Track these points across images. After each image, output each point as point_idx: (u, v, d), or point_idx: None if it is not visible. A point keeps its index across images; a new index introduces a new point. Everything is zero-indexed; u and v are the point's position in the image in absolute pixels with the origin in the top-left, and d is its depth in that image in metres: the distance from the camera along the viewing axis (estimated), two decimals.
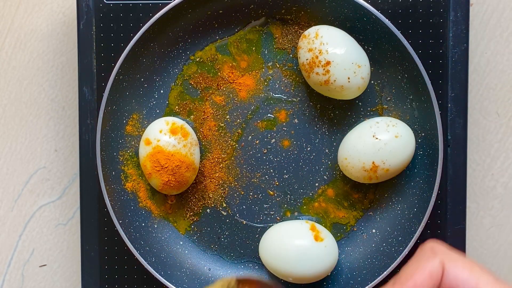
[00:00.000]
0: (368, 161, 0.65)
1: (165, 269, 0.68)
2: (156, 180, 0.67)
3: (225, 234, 0.71)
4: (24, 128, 0.75)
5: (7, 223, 0.75)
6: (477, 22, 0.73)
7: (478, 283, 0.40)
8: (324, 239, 0.66)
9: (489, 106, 0.73)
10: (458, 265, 0.41)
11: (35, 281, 0.76)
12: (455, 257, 0.41)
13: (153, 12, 0.67)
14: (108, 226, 0.69)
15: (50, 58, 0.75)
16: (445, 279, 0.41)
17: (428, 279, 0.40)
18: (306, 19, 0.69)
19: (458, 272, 0.40)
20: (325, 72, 0.64)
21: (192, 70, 0.70)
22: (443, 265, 0.41)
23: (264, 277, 0.51)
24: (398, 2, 0.68)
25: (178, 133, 0.67)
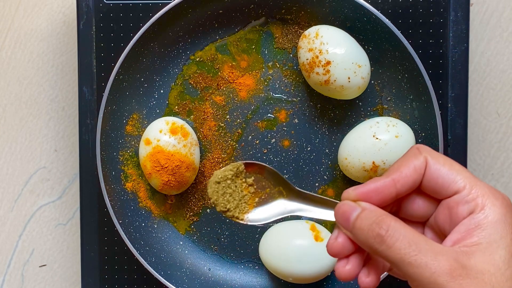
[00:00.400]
0: (368, 161, 0.65)
1: (165, 269, 0.68)
2: (156, 180, 0.67)
3: (225, 234, 0.71)
4: (24, 128, 0.75)
5: (7, 223, 0.75)
6: (477, 22, 0.73)
7: (456, 177, 0.43)
8: (324, 239, 0.66)
9: (489, 106, 0.73)
10: (440, 161, 0.44)
11: (35, 281, 0.76)
12: (438, 155, 0.44)
13: (153, 12, 0.67)
14: (108, 226, 0.69)
15: (50, 58, 0.75)
16: (427, 173, 0.44)
17: (413, 172, 0.44)
18: (306, 19, 0.69)
19: (439, 167, 0.44)
20: (325, 72, 0.64)
21: (192, 70, 0.70)
22: (427, 161, 0.44)
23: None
24: (398, 2, 0.68)
25: (178, 133, 0.67)
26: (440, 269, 0.40)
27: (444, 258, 0.40)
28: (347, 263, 0.45)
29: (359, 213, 0.44)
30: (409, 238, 0.41)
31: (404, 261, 0.41)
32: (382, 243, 0.42)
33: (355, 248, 0.45)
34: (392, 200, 0.45)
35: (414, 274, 0.41)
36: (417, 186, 0.45)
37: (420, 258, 0.40)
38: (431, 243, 0.41)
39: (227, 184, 0.54)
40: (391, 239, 0.41)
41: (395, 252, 0.41)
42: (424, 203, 0.46)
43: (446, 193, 0.44)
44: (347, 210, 0.44)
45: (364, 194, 0.45)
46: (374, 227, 0.42)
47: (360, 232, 0.43)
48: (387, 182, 0.44)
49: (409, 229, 0.42)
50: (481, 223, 0.42)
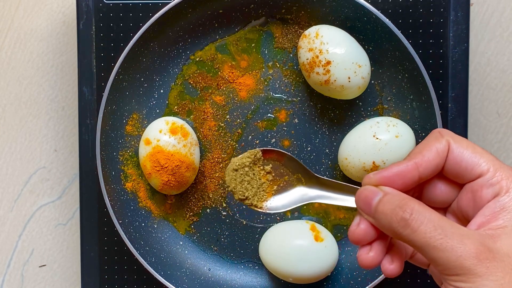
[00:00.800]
0: (368, 161, 0.65)
1: (165, 269, 0.68)
2: (156, 180, 0.67)
3: (225, 234, 0.71)
4: (24, 128, 0.75)
5: (7, 223, 0.75)
6: (478, 22, 0.73)
7: (479, 160, 0.43)
8: (324, 239, 0.66)
9: (490, 106, 0.73)
10: (463, 144, 0.43)
11: (35, 281, 0.75)
12: (460, 138, 0.44)
13: (153, 12, 0.67)
14: (108, 226, 0.69)
15: (49, 58, 0.75)
16: (450, 156, 0.43)
17: (435, 155, 0.43)
18: (307, 19, 0.69)
19: (462, 150, 0.43)
20: (325, 71, 0.64)
21: (192, 70, 0.70)
22: (449, 144, 0.43)
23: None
24: (398, 2, 0.68)
25: (178, 133, 0.66)
26: (466, 252, 0.39)
27: (471, 241, 0.40)
28: (370, 250, 0.45)
29: (381, 198, 0.43)
30: (434, 221, 0.41)
31: (429, 245, 0.40)
32: (407, 227, 0.41)
33: (377, 234, 0.45)
34: (414, 184, 0.44)
35: (440, 258, 0.40)
36: (439, 170, 0.44)
37: (446, 242, 0.40)
38: (457, 227, 0.41)
39: (244, 172, 0.53)
40: (416, 222, 0.41)
41: (420, 236, 0.41)
42: (446, 188, 0.45)
43: (469, 176, 0.43)
44: (369, 195, 0.44)
45: (386, 179, 0.44)
46: (397, 211, 0.42)
47: (383, 217, 0.43)
48: (409, 165, 0.44)
49: (434, 212, 0.41)
50: (506, 206, 0.41)
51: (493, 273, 0.39)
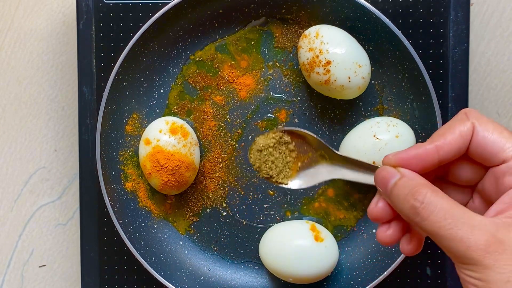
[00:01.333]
0: (368, 161, 0.65)
1: (165, 269, 0.68)
2: (156, 180, 0.67)
3: (225, 234, 0.71)
4: (24, 128, 0.75)
5: (7, 223, 0.75)
6: (478, 22, 0.73)
7: (505, 145, 0.41)
8: (324, 239, 0.66)
9: (490, 106, 0.73)
10: (489, 127, 0.42)
11: (34, 282, 0.75)
12: (486, 121, 0.43)
13: (153, 12, 0.67)
14: (108, 226, 0.69)
15: (49, 58, 0.75)
16: (474, 140, 0.42)
17: (458, 138, 0.42)
18: (307, 19, 0.69)
19: (487, 134, 0.42)
20: (325, 71, 0.64)
21: (192, 70, 0.70)
22: (474, 127, 0.42)
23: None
24: (398, 2, 0.68)
25: (178, 133, 0.66)
26: (475, 244, 0.39)
27: (481, 232, 0.39)
28: (388, 228, 0.45)
29: (397, 180, 0.43)
30: (445, 210, 0.40)
31: (438, 234, 0.40)
32: (417, 215, 0.41)
33: (395, 213, 0.45)
34: (434, 167, 0.44)
35: (450, 247, 0.40)
36: (462, 153, 0.43)
37: (455, 232, 0.40)
38: (469, 216, 0.40)
39: (269, 152, 0.53)
40: (426, 211, 0.41)
41: (430, 224, 0.40)
42: (472, 169, 0.45)
43: (494, 161, 0.42)
44: (386, 176, 0.44)
45: (405, 160, 0.44)
46: (409, 198, 0.42)
47: (397, 200, 0.43)
48: (429, 149, 0.43)
49: (447, 200, 0.41)
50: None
51: (502, 265, 0.39)
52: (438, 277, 0.69)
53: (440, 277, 0.69)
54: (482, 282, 0.39)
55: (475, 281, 0.40)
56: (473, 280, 0.40)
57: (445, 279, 0.69)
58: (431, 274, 0.69)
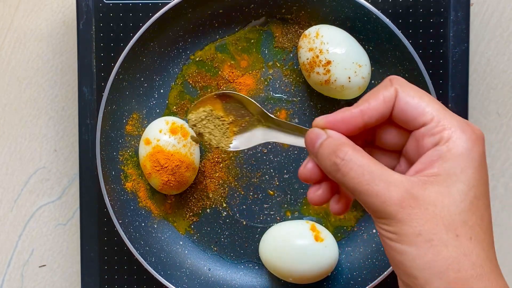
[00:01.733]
0: None
1: (165, 269, 0.68)
2: (156, 180, 0.67)
3: (225, 234, 0.71)
4: (24, 128, 0.75)
5: (7, 223, 0.75)
6: (478, 22, 0.73)
7: (425, 109, 0.43)
8: (324, 239, 0.66)
9: (490, 106, 0.73)
10: (410, 93, 0.44)
11: (34, 282, 0.75)
12: (409, 87, 0.45)
13: (153, 12, 0.67)
14: (108, 226, 0.69)
15: (49, 58, 0.75)
16: (397, 105, 0.44)
17: (381, 103, 0.44)
18: (307, 19, 0.69)
19: (409, 99, 0.44)
20: (325, 71, 0.64)
21: (192, 70, 0.70)
22: (397, 92, 0.44)
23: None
24: (398, 2, 0.68)
25: (178, 133, 0.66)
26: (390, 199, 0.41)
27: (396, 188, 0.41)
28: (318, 189, 0.47)
29: (323, 141, 0.45)
30: (364, 167, 0.42)
31: (357, 189, 0.42)
32: (338, 171, 0.43)
33: (323, 175, 0.47)
34: (360, 130, 0.45)
35: (367, 203, 0.42)
36: (386, 117, 0.45)
37: (372, 188, 0.41)
38: (387, 173, 0.42)
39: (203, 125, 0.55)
40: (346, 168, 0.43)
41: (349, 180, 0.42)
42: (397, 133, 0.46)
43: (415, 125, 0.44)
44: (314, 137, 0.46)
45: (331, 123, 0.45)
46: (331, 156, 0.44)
47: (322, 159, 0.45)
48: (354, 113, 0.45)
49: (367, 158, 0.43)
50: (443, 155, 0.42)
51: (414, 219, 0.40)
52: None
53: None
54: (395, 235, 0.41)
55: (389, 234, 0.42)
56: (388, 233, 0.42)
57: None
58: None
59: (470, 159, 0.42)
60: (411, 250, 0.41)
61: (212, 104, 0.55)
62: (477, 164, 0.42)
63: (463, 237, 0.41)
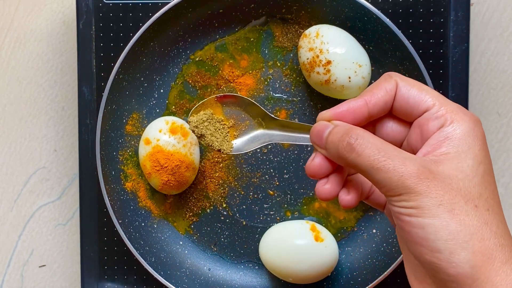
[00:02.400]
0: None
1: (165, 269, 0.68)
2: (155, 180, 0.67)
3: (225, 234, 0.71)
4: (23, 128, 0.75)
5: (7, 223, 0.75)
6: (478, 22, 0.73)
7: (425, 96, 0.45)
8: (324, 239, 0.66)
9: (490, 106, 0.73)
10: (410, 83, 0.46)
11: (34, 282, 0.75)
12: (408, 79, 0.46)
13: (153, 12, 0.67)
14: (107, 226, 0.69)
15: (49, 58, 0.75)
16: (398, 94, 0.46)
17: (384, 93, 0.46)
18: (307, 19, 0.69)
19: (409, 88, 0.45)
20: (325, 71, 0.64)
21: (192, 70, 0.70)
22: (397, 83, 0.46)
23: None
24: (398, 2, 0.68)
25: (178, 133, 0.66)
26: (407, 172, 0.41)
27: (412, 163, 0.42)
28: (326, 182, 0.47)
29: (331, 129, 0.46)
30: (378, 145, 0.43)
31: (373, 167, 0.42)
32: (352, 151, 0.43)
33: (332, 168, 0.47)
34: (365, 120, 0.46)
35: (383, 179, 0.42)
36: (389, 107, 0.46)
37: (388, 163, 0.42)
38: (400, 150, 0.43)
39: (205, 126, 0.55)
40: (360, 146, 0.43)
41: (365, 159, 0.43)
42: (397, 126, 0.47)
43: (417, 112, 0.45)
44: (321, 129, 0.46)
45: (338, 114, 0.46)
46: (344, 137, 0.44)
47: (332, 146, 0.45)
48: (359, 102, 0.46)
49: (378, 138, 0.43)
50: (450, 135, 0.43)
51: (434, 191, 0.41)
52: None
53: None
54: (416, 210, 0.41)
55: (409, 210, 0.41)
56: (407, 210, 0.41)
57: None
58: None
59: (475, 137, 0.43)
60: (434, 221, 0.41)
61: (212, 108, 0.55)
62: (481, 142, 0.43)
63: (481, 207, 0.41)
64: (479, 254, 0.40)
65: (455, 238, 0.40)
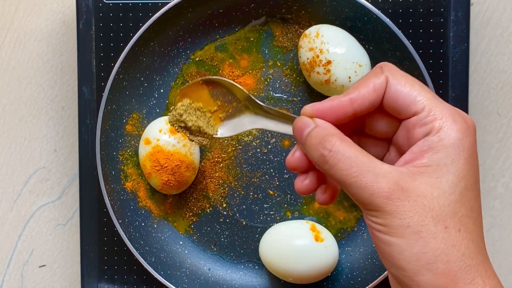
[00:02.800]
0: None
1: (165, 269, 0.68)
2: (155, 180, 0.67)
3: (225, 234, 0.71)
4: (23, 128, 0.75)
5: (7, 223, 0.75)
6: (478, 21, 0.73)
7: (416, 98, 0.42)
8: (324, 239, 0.66)
9: (490, 106, 0.73)
10: (401, 81, 0.43)
11: (34, 282, 0.75)
12: (400, 74, 0.44)
13: (153, 12, 0.67)
14: (107, 226, 0.69)
15: (49, 58, 0.75)
16: (387, 93, 0.43)
17: (371, 92, 0.43)
18: (307, 19, 0.69)
19: (400, 87, 0.43)
20: (325, 71, 0.64)
21: (192, 70, 0.70)
22: (387, 80, 0.43)
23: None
24: (398, 2, 0.68)
25: (178, 133, 0.66)
26: (379, 191, 0.40)
27: (385, 180, 0.41)
28: (305, 178, 0.47)
29: (310, 130, 0.44)
30: (352, 159, 0.41)
31: (345, 181, 0.41)
32: (325, 163, 0.42)
33: (311, 164, 0.46)
34: (349, 118, 0.45)
35: (355, 195, 0.41)
36: (376, 105, 0.44)
37: (360, 180, 0.41)
38: (375, 164, 0.41)
39: (184, 119, 0.54)
40: (333, 160, 0.42)
41: (337, 172, 0.42)
42: (387, 122, 0.46)
43: (406, 114, 0.43)
44: (301, 126, 0.45)
45: (320, 111, 0.45)
46: (319, 147, 0.43)
47: (309, 150, 0.44)
48: (343, 101, 0.44)
49: (354, 149, 0.42)
50: (434, 146, 0.41)
51: (403, 212, 0.40)
52: None
53: None
54: (384, 227, 0.41)
55: (378, 226, 0.41)
56: (377, 225, 0.41)
57: None
58: None
59: (460, 150, 0.41)
60: (400, 242, 0.40)
61: (197, 91, 0.53)
62: (468, 154, 0.42)
63: (452, 228, 0.40)
64: (442, 276, 0.40)
65: (419, 259, 0.40)
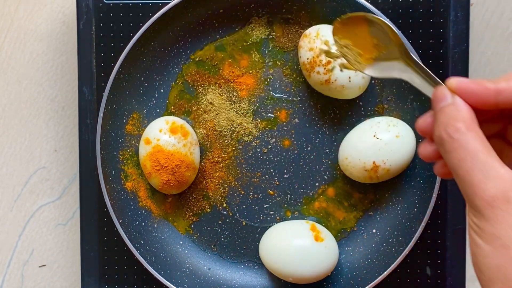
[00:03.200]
0: (368, 161, 0.65)
1: (165, 269, 0.68)
2: (156, 180, 0.67)
3: (225, 234, 0.71)
4: (24, 128, 0.75)
5: (7, 223, 0.75)
6: (478, 22, 0.73)
7: None
8: (324, 239, 0.66)
9: None
10: None
11: (34, 282, 0.75)
12: None
13: (153, 12, 0.67)
14: (108, 226, 0.69)
15: (49, 58, 0.75)
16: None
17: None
18: (307, 19, 0.69)
19: None
20: (326, 71, 0.64)
21: (192, 70, 0.70)
22: None
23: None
24: (398, 2, 0.68)
25: (178, 133, 0.66)
26: (482, 193, 0.39)
27: (493, 185, 0.39)
28: (431, 145, 0.45)
29: (445, 105, 0.42)
30: (469, 152, 0.40)
31: (455, 171, 0.40)
32: (441, 146, 0.41)
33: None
34: (490, 108, 0.42)
35: (461, 187, 0.41)
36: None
37: (469, 175, 0.40)
38: (491, 165, 0.40)
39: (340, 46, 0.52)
40: (449, 146, 0.41)
41: (450, 159, 0.41)
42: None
43: None
44: (439, 96, 0.43)
45: (463, 90, 0.42)
46: (442, 127, 0.42)
47: (436, 123, 0.42)
48: (489, 89, 0.41)
49: (476, 143, 0.40)
50: None
51: (499, 222, 0.39)
52: (438, 277, 0.69)
53: (440, 277, 0.69)
54: (478, 228, 0.40)
55: (473, 225, 0.40)
56: (472, 223, 0.41)
57: (445, 279, 0.69)
58: (431, 274, 0.69)
59: None
60: (487, 247, 0.40)
61: (357, 26, 0.52)
62: None
63: None
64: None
65: (499, 271, 0.39)
